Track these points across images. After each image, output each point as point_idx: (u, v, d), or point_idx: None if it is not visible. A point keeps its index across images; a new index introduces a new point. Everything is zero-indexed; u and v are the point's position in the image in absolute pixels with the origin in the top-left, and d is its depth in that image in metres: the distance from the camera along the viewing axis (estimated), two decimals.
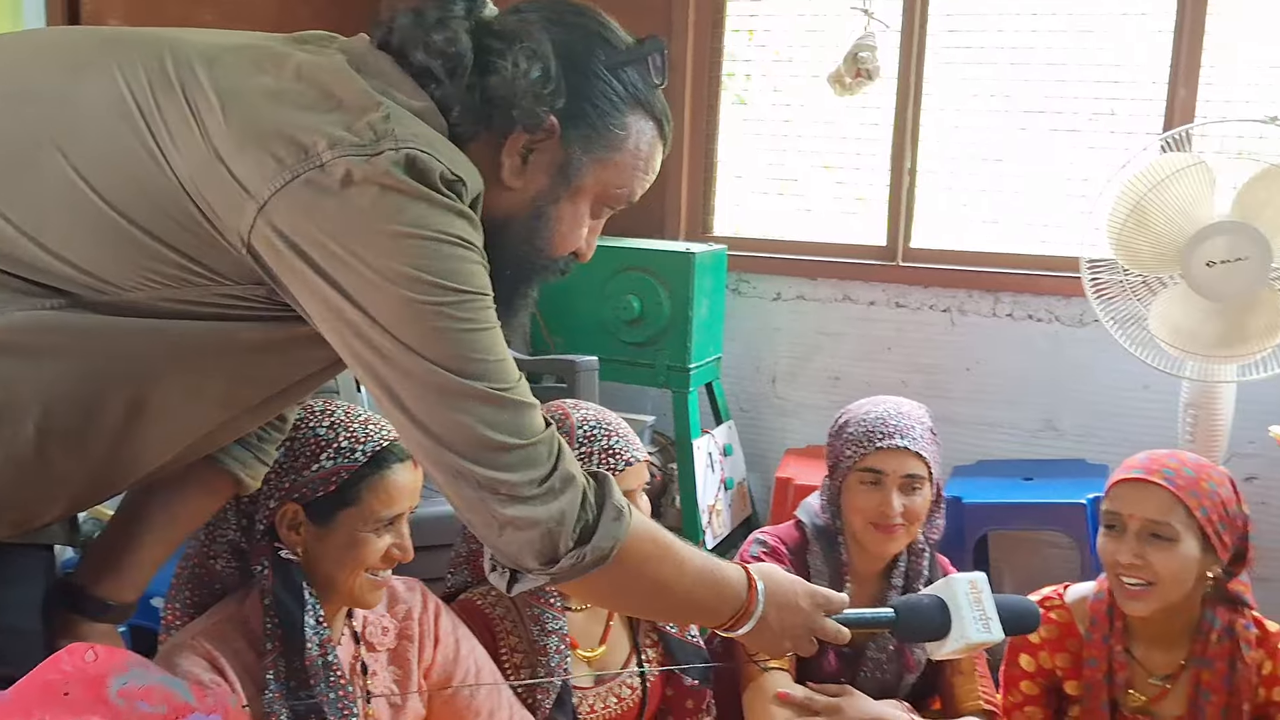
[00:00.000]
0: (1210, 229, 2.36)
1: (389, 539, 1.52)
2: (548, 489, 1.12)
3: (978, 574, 1.46)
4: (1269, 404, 2.69)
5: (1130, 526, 1.74)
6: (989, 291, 3.14)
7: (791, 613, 1.36)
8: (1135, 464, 1.80)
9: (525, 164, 1.17)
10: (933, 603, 1.45)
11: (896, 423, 1.91)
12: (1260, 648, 1.78)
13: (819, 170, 3.44)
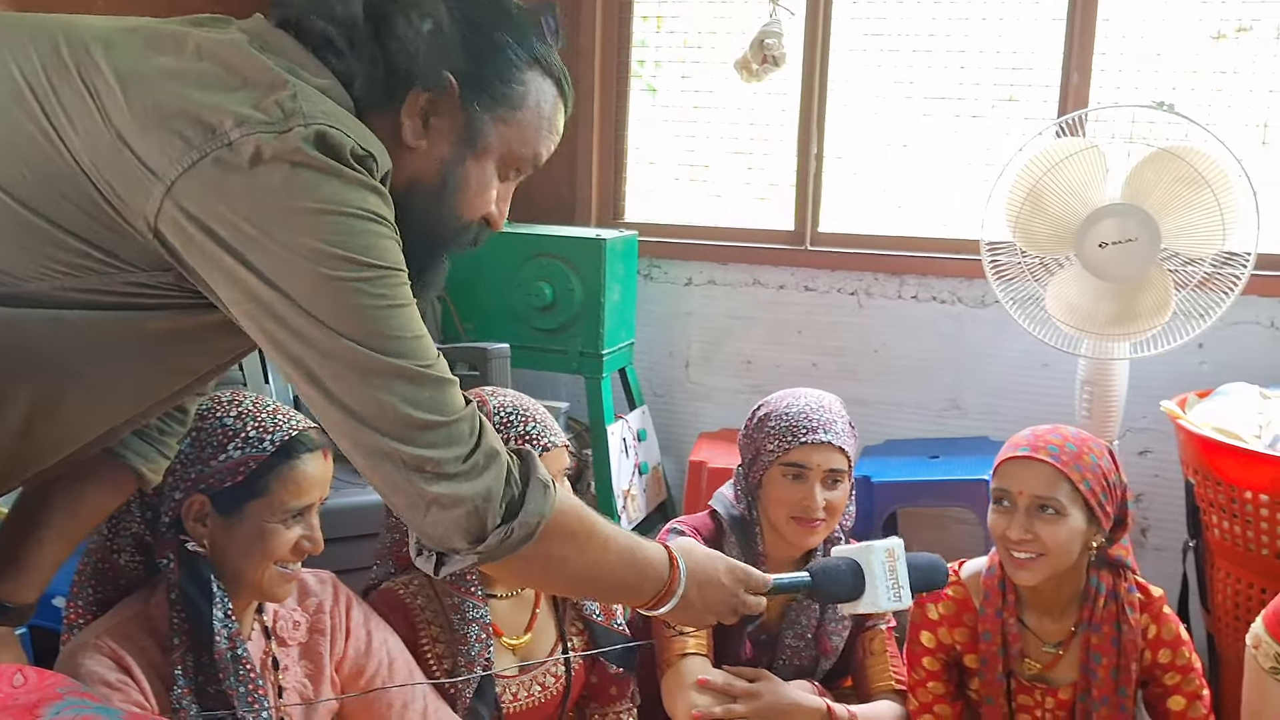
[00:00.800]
0: (1102, 211, 2.44)
1: (299, 530, 1.51)
2: (472, 465, 1.11)
3: (895, 541, 1.51)
4: (1160, 380, 2.79)
5: (1019, 503, 1.80)
6: (894, 274, 3.20)
7: (713, 589, 1.38)
8: (1021, 441, 1.86)
9: (427, 126, 1.16)
10: (848, 567, 1.50)
11: (820, 417, 1.94)
12: (1144, 611, 1.86)
13: (730, 156, 3.47)
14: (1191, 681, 1.85)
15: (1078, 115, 2.61)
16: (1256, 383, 2.70)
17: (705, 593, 1.37)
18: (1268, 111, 2.92)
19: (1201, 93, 2.95)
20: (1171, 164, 2.41)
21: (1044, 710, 1.89)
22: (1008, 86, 3.14)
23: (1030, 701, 1.89)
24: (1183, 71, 2.96)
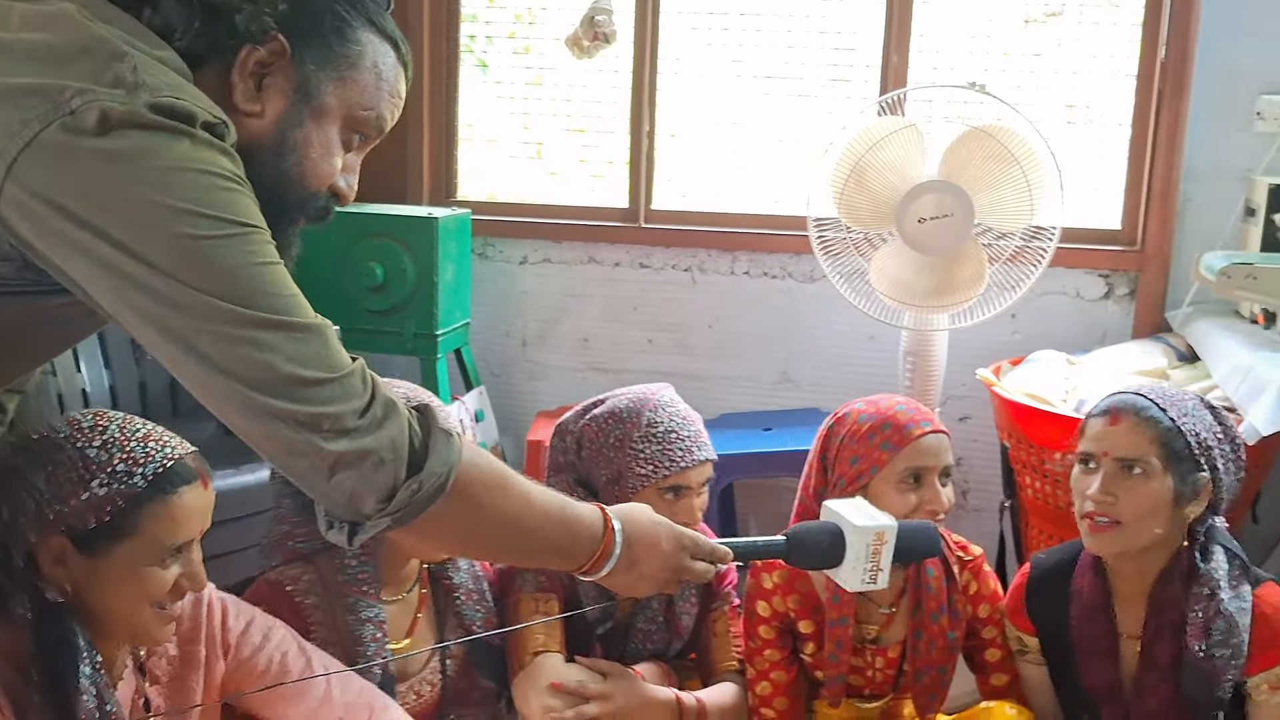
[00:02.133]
0: (921, 188, 2.53)
1: (176, 569, 1.36)
2: (372, 417, 1.07)
3: (889, 524, 1.45)
4: (977, 349, 2.92)
5: (928, 478, 1.84)
6: (727, 251, 3.25)
7: (654, 554, 1.34)
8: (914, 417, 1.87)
9: (261, 88, 1.12)
10: (828, 535, 1.44)
11: (692, 433, 1.90)
12: (966, 569, 1.94)
13: (565, 134, 3.46)
14: (1013, 659, 1.94)
15: (897, 95, 2.69)
16: (1064, 350, 2.86)
17: (645, 558, 1.33)
18: (1074, 93, 3.08)
19: (1014, 74, 3.09)
20: (984, 142, 2.51)
21: (874, 670, 1.95)
22: (838, 66, 3.21)
23: (862, 663, 1.95)
24: (996, 54, 3.09)
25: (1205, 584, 1.71)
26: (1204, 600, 1.70)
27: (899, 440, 1.83)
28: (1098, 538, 1.73)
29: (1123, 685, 1.79)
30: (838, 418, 1.93)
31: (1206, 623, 1.69)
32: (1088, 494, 1.72)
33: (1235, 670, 1.69)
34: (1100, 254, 3.02)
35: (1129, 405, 1.74)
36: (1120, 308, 3.02)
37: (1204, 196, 2.92)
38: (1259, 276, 2.40)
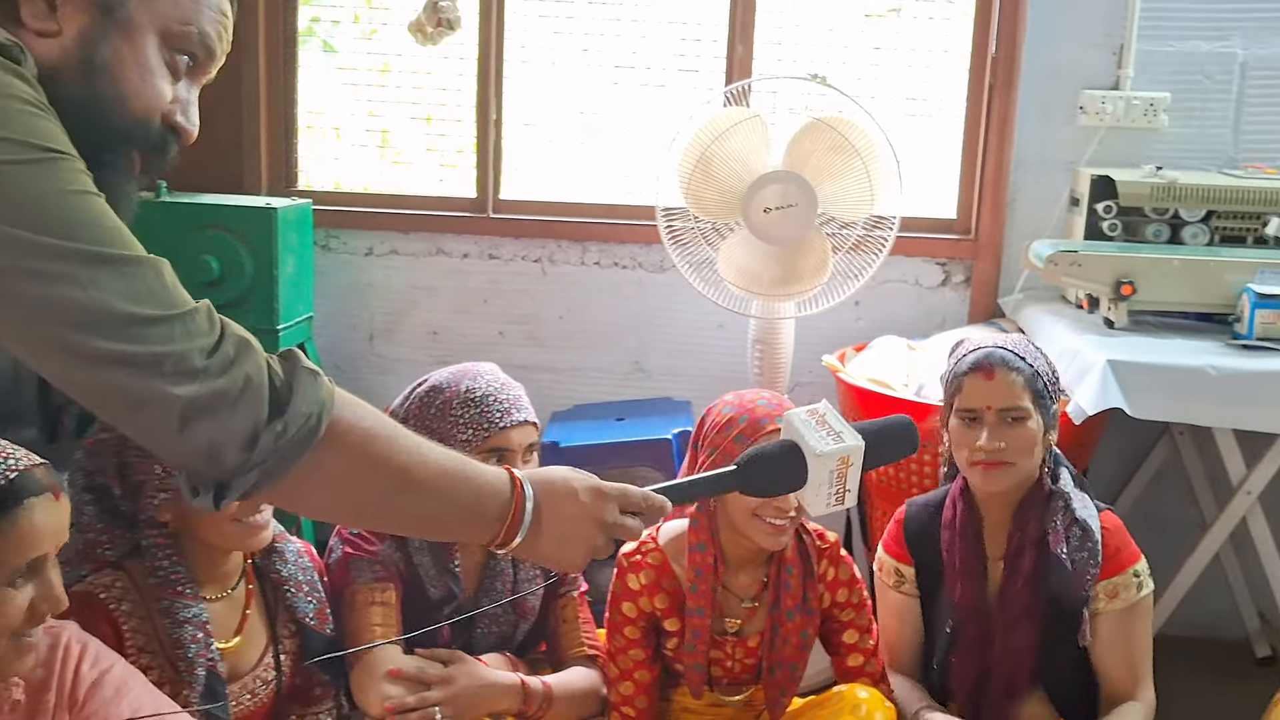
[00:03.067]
0: (766, 178, 2.56)
1: (31, 591, 1.25)
2: (223, 356, 0.97)
3: (855, 445, 1.31)
4: (823, 336, 2.98)
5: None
6: (577, 241, 3.24)
7: (574, 510, 1.19)
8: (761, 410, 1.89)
9: (54, 5, 1.01)
10: (785, 456, 1.31)
11: (511, 396, 1.91)
12: (825, 557, 1.99)
13: (414, 122, 3.38)
14: (864, 616, 1.99)
15: (741, 86, 2.72)
16: (904, 336, 2.94)
17: (564, 515, 1.18)
18: (914, 86, 3.17)
19: (856, 67, 3.16)
20: (826, 134, 2.56)
21: (734, 661, 1.97)
22: (685, 57, 3.22)
23: (722, 654, 1.96)
24: (840, 47, 3.16)
25: (1060, 498, 1.91)
26: (1060, 512, 1.90)
27: (751, 434, 1.85)
28: (991, 476, 1.89)
29: (988, 601, 1.94)
30: (708, 409, 1.96)
31: (1065, 530, 1.88)
32: (977, 445, 1.87)
33: (1093, 571, 1.87)
34: (938, 243, 3.12)
35: (999, 360, 1.89)
36: (957, 294, 3.12)
37: (1032, 187, 3.04)
38: (1083, 264, 2.52)
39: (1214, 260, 2.52)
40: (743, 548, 1.94)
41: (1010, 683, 1.93)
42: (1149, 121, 2.95)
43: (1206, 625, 3.13)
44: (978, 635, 1.94)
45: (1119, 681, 1.91)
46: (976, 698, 1.95)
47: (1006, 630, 1.92)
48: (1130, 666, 1.90)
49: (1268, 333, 2.39)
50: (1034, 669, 1.93)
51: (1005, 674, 1.93)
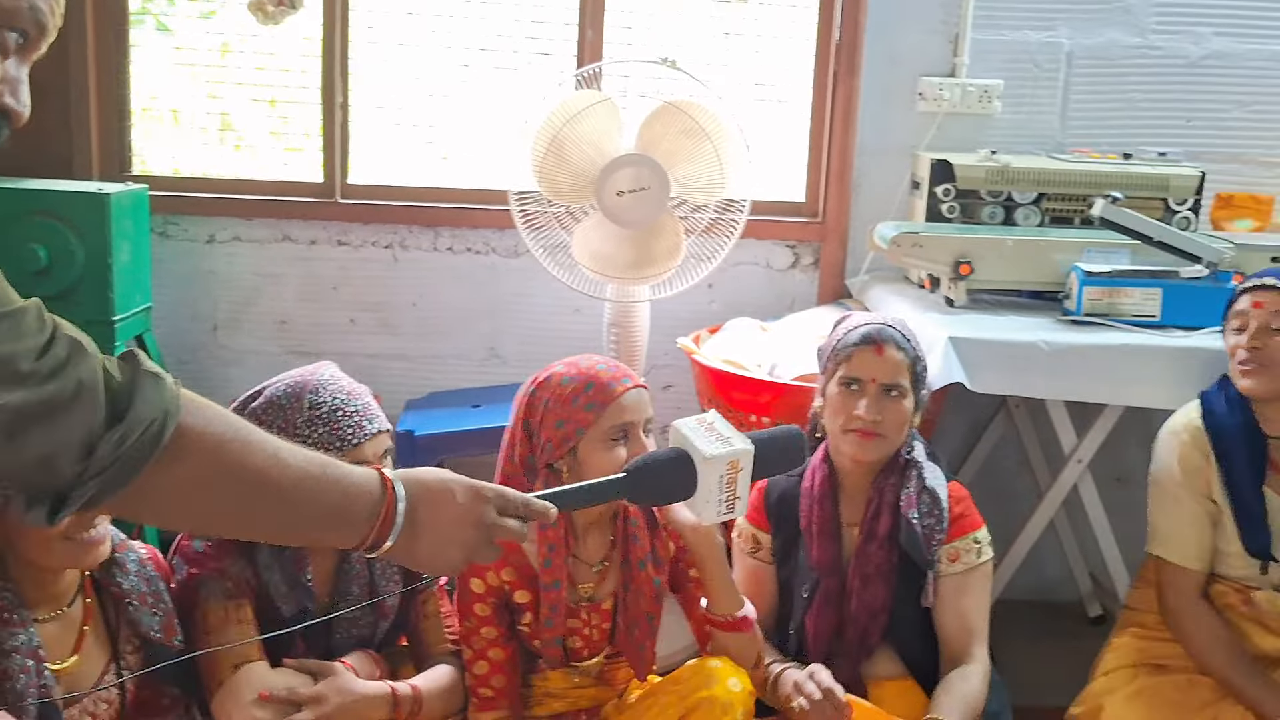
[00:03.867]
0: (618, 161, 2.57)
1: None
2: (53, 359, 0.92)
3: (744, 449, 1.31)
4: (677, 319, 3.01)
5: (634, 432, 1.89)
6: (429, 226, 3.19)
7: (449, 510, 1.15)
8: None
9: None
10: (673, 464, 1.28)
11: (360, 407, 1.86)
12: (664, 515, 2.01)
13: (256, 105, 3.27)
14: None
15: (593, 69, 2.72)
16: (757, 317, 3.00)
17: (440, 517, 1.14)
18: (764, 71, 3.22)
19: (710, 51, 3.19)
20: (676, 117, 2.59)
21: (590, 628, 1.98)
22: (538, 40, 3.20)
23: (578, 623, 1.97)
24: (690, 32, 3.18)
25: (914, 467, 2.03)
26: (914, 480, 2.02)
27: (603, 399, 1.86)
28: (864, 445, 1.98)
29: (841, 561, 2.03)
30: (539, 383, 1.95)
31: (917, 496, 1.99)
32: (855, 413, 1.97)
33: (939, 536, 1.98)
34: (787, 226, 3.18)
35: (889, 337, 1.99)
36: (806, 276, 3.20)
37: (876, 171, 3.13)
38: (924, 245, 2.61)
39: (1044, 240, 2.64)
40: (591, 512, 1.95)
41: (863, 638, 2.02)
42: (984, 108, 3.07)
43: (1043, 588, 3.29)
44: (833, 593, 2.02)
45: (956, 641, 2.00)
46: (831, 654, 2.02)
47: (862, 587, 2.01)
48: (967, 627, 1.99)
49: (1094, 308, 2.52)
50: (886, 626, 2.02)
51: (859, 630, 2.02)
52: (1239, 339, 2.15)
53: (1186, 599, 2.16)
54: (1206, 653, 2.11)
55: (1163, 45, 3.10)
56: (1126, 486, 3.06)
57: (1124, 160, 2.89)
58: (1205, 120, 3.14)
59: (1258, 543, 2.10)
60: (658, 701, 1.90)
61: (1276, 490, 2.13)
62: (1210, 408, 2.18)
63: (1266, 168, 3.16)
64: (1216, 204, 3.04)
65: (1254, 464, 2.12)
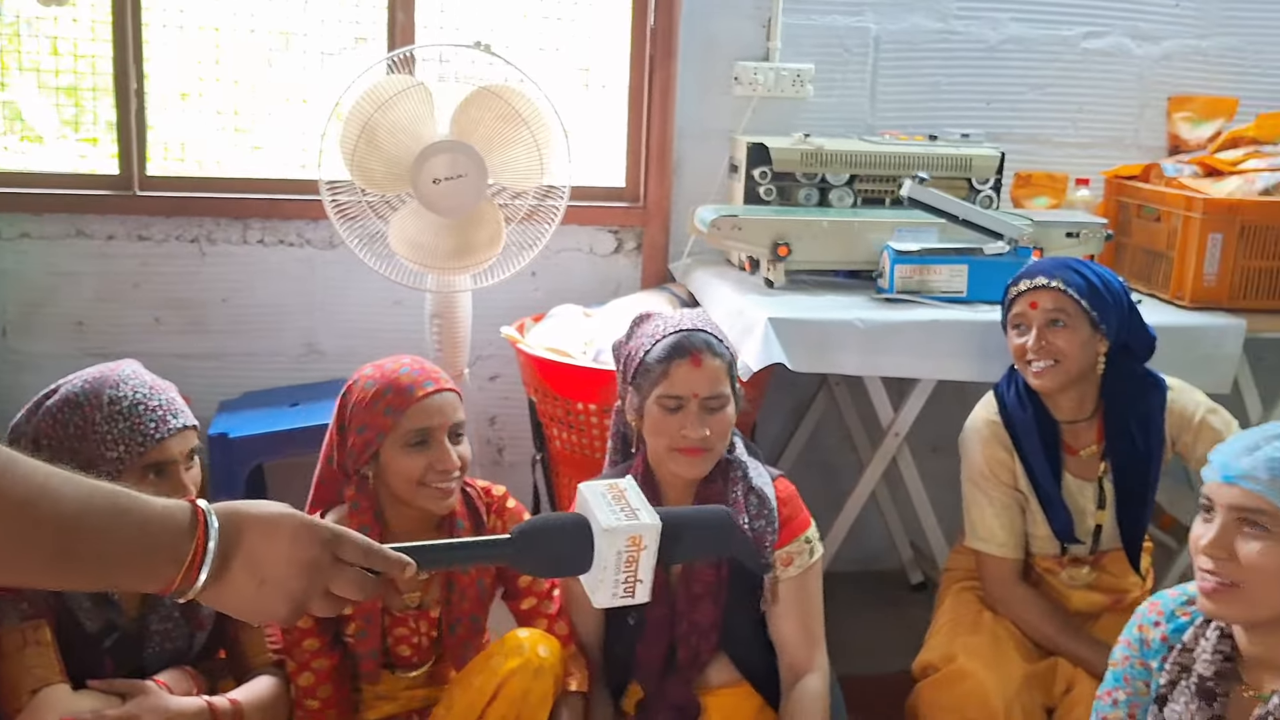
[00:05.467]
0: (433, 148, 2.50)
1: None
2: None
3: (650, 524, 1.13)
4: (501, 308, 2.97)
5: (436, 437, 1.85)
6: (237, 219, 3.05)
7: (278, 550, 0.99)
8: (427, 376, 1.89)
9: None
10: (569, 536, 1.12)
11: (163, 402, 1.76)
12: (493, 512, 1.98)
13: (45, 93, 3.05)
14: (540, 581, 1.99)
15: (405, 52, 2.64)
16: (581, 304, 2.98)
17: (263, 557, 0.98)
18: (586, 56, 3.20)
19: (533, 36, 3.14)
20: (492, 103, 2.53)
21: (419, 635, 1.94)
22: (354, 24, 3.09)
23: (406, 630, 1.93)
24: (507, 16, 3.13)
25: (738, 467, 1.94)
26: (739, 482, 1.93)
27: (401, 403, 1.83)
28: (694, 463, 1.89)
29: (668, 583, 1.93)
30: (349, 385, 1.91)
31: (744, 498, 1.91)
32: (682, 433, 1.86)
33: (772, 539, 1.91)
34: (609, 211, 3.17)
35: (705, 346, 1.88)
36: (630, 261, 3.20)
37: (695, 155, 3.15)
38: (743, 227, 2.64)
39: (857, 221, 2.71)
40: (409, 519, 1.91)
41: (695, 656, 1.95)
42: (797, 91, 3.13)
43: (867, 559, 3.40)
44: (662, 620, 1.93)
45: (795, 647, 1.96)
46: (662, 674, 1.96)
47: (691, 608, 1.93)
48: (806, 631, 1.96)
49: (906, 286, 2.60)
50: (718, 642, 1.96)
51: (690, 649, 1.94)
52: (1024, 340, 2.20)
53: (1008, 586, 2.25)
54: (1036, 630, 2.21)
55: (963, 30, 3.22)
56: (942, 456, 3.17)
57: (930, 142, 2.99)
58: (1004, 103, 3.28)
59: (1061, 526, 2.21)
60: (471, 682, 1.86)
61: (1073, 473, 2.24)
62: (1004, 402, 2.27)
63: (1060, 148, 3.33)
64: (1016, 183, 3.19)
65: (1049, 452, 2.22)
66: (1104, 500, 2.22)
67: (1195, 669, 1.56)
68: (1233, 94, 3.31)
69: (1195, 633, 1.58)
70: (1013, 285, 2.24)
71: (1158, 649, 1.63)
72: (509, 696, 1.83)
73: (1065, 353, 2.15)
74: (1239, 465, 1.45)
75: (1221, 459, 1.48)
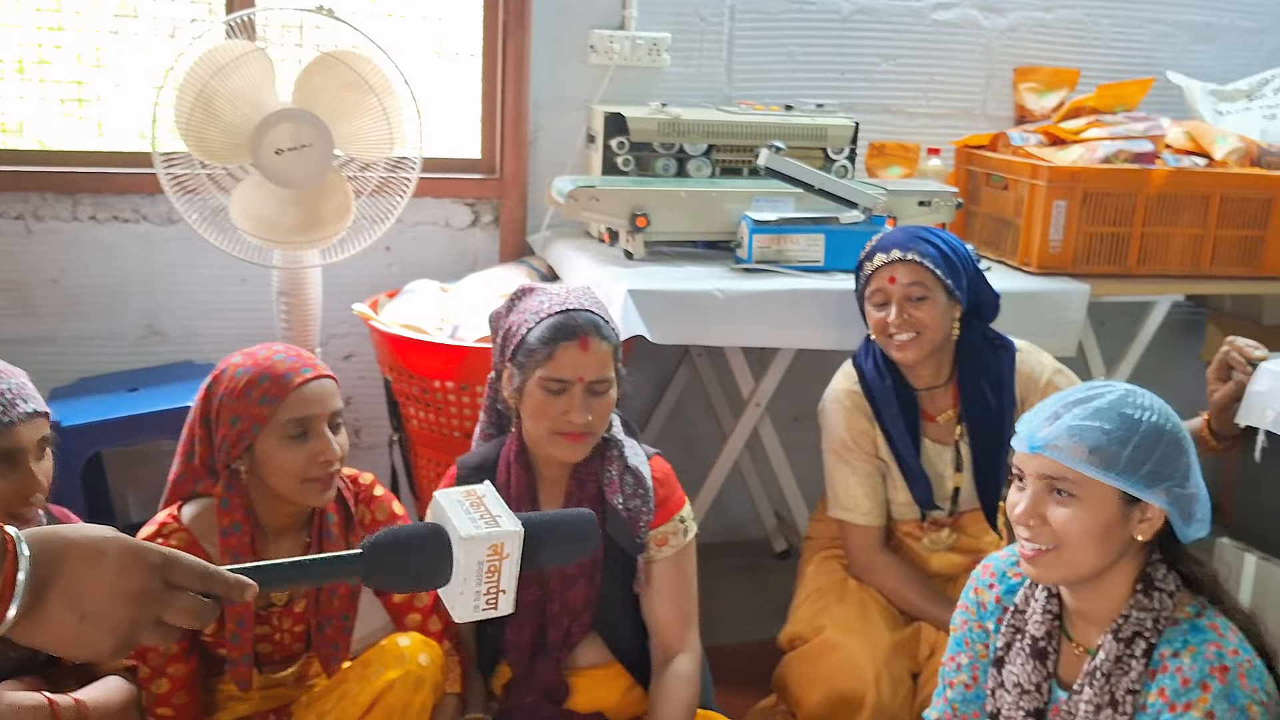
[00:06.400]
0: (275, 116, 2.39)
1: None
2: None
3: (511, 530, 1.07)
4: (354, 284, 2.86)
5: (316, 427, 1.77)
6: (66, 194, 2.86)
7: (101, 580, 0.90)
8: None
9: None
10: (424, 547, 1.05)
11: (9, 387, 1.66)
12: (361, 501, 1.90)
13: None
14: None
15: (243, 16, 2.51)
16: (438, 279, 2.90)
17: (84, 588, 0.90)
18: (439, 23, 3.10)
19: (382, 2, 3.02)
20: (337, 69, 2.43)
21: (283, 632, 1.86)
22: None
23: (270, 629, 1.84)
24: None
25: (614, 446, 1.90)
26: (615, 461, 1.88)
27: (278, 391, 1.74)
28: (576, 448, 1.83)
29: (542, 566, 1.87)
30: (215, 375, 1.81)
31: (619, 478, 1.87)
32: (565, 416, 1.79)
33: (647, 518, 1.87)
34: (464, 183, 3.09)
35: (592, 327, 1.81)
36: (487, 234, 3.12)
37: (552, 125, 3.09)
38: (600, 198, 2.60)
39: (715, 191, 2.70)
40: (283, 514, 1.82)
41: (566, 636, 1.91)
42: (653, 60, 3.10)
43: (732, 529, 3.42)
44: (533, 603, 1.88)
45: (668, 627, 1.92)
46: (532, 655, 1.91)
47: (564, 589, 1.88)
48: (679, 611, 1.93)
49: (764, 255, 2.60)
50: (590, 622, 1.91)
51: (561, 630, 1.90)
52: (884, 314, 2.20)
53: (871, 554, 2.28)
54: (899, 597, 2.24)
55: (817, 1, 3.23)
56: (802, 425, 3.21)
57: (786, 112, 2.99)
58: (858, 73, 3.31)
59: (922, 493, 2.25)
60: (347, 691, 1.80)
61: (931, 439, 2.28)
62: (863, 373, 2.29)
63: (913, 118, 3.38)
64: (870, 152, 3.23)
65: (909, 420, 2.25)
66: (961, 463, 2.26)
67: (1028, 630, 1.60)
68: (1075, 65, 3.41)
69: (1026, 594, 1.62)
70: (867, 259, 2.25)
71: (993, 610, 1.67)
72: (388, 707, 1.77)
73: (926, 324, 2.18)
74: (1042, 435, 1.47)
75: (1026, 429, 1.50)
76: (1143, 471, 1.44)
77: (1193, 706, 1.43)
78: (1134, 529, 1.48)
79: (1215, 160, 2.96)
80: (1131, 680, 1.49)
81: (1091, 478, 1.44)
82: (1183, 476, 1.47)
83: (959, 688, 1.71)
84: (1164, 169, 2.86)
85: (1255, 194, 2.89)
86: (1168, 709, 1.45)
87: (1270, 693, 1.46)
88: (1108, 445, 1.43)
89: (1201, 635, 1.47)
